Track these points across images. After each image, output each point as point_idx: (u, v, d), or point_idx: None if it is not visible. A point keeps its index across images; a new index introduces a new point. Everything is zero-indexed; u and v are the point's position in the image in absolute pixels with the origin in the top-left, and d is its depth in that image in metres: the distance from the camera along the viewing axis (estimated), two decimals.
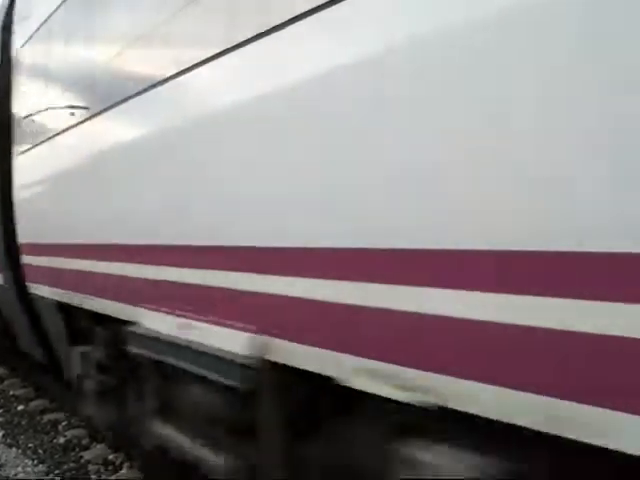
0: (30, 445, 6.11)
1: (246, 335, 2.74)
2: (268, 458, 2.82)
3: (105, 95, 4.23)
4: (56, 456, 5.82)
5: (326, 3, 2.31)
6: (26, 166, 6.14)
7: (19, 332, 7.02)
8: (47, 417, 6.85)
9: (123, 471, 5.36)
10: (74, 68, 4.98)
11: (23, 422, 6.88)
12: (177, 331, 3.27)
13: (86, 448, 5.95)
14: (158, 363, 3.50)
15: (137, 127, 3.95)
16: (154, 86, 3.58)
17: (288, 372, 2.54)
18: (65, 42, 5.16)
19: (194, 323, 3.16)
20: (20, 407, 7.34)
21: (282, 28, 2.57)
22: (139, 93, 3.72)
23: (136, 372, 3.95)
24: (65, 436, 6.26)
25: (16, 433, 6.49)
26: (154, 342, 3.46)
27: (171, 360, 3.32)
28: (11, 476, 5.35)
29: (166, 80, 3.47)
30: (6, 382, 8.46)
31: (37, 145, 5.75)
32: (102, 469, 5.46)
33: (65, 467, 5.54)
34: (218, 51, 2.99)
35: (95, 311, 4.45)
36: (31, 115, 5.92)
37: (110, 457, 5.61)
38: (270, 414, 2.76)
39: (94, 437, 6.15)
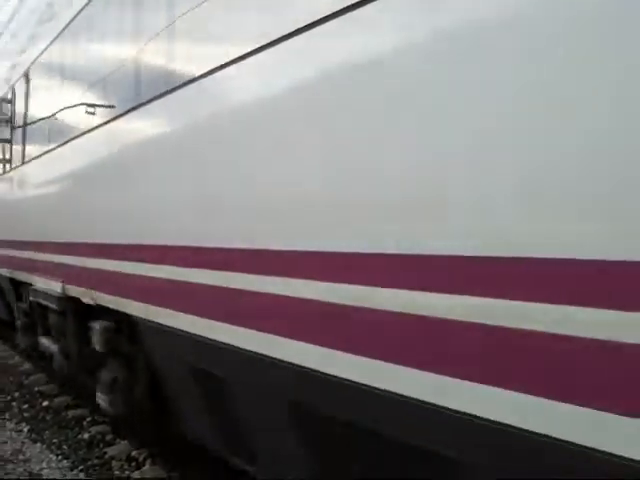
0: (55, 440, 6.15)
1: (60, 284, 6.04)
2: (69, 344, 6.05)
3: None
4: (80, 452, 5.85)
5: None
6: None
7: None
8: (71, 413, 6.90)
9: (146, 467, 5.37)
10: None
11: (48, 417, 6.93)
12: (44, 287, 6.64)
13: (110, 444, 5.98)
14: (39, 304, 6.90)
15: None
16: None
17: (75, 300, 5.74)
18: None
19: (49, 281, 6.47)
20: (45, 403, 7.40)
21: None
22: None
23: (34, 312, 7.33)
24: (89, 432, 6.30)
25: (41, 428, 6.54)
26: (37, 293, 6.91)
27: (42, 301, 6.66)
28: (36, 471, 5.37)
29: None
30: (31, 378, 8.54)
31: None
32: (125, 465, 5.47)
33: (89, 463, 5.57)
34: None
35: (21, 280, 7.96)
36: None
37: (133, 453, 5.63)
38: (69, 321, 5.97)
39: (118, 433, 6.17)
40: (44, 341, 6.82)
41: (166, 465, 5.30)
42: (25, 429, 6.52)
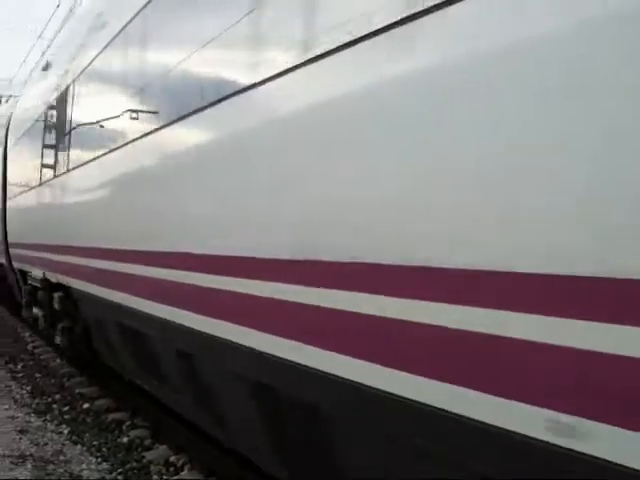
0: (95, 443, 6.20)
1: (42, 272, 9.07)
2: (45, 309, 9.12)
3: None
4: (119, 455, 5.88)
5: None
6: None
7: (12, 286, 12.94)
8: (111, 416, 6.95)
9: (184, 472, 5.38)
10: None
11: (88, 420, 7.00)
12: (35, 274, 9.69)
13: (148, 449, 6.00)
14: (33, 285, 10.00)
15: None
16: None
17: (48, 280, 8.80)
18: None
19: (37, 270, 9.51)
20: (85, 405, 7.47)
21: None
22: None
23: (34, 292, 10.00)
24: (128, 436, 6.34)
25: (81, 431, 6.60)
26: (32, 279, 9.98)
27: (34, 283, 9.85)
28: (76, 472, 5.42)
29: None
30: (72, 380, 8.65)
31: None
32: (163, 470, 5.49)
33: (128, 466, 5.59)
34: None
35: (25, 270, 10.81)
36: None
37: (172, 459, 5.64)
38: (46, 294, 8.94)
39: (157, 438, 6.20)
40: (35, 310, 10.10)
41: (204, 471, 5.31)
42: (65, 431, 6.59)
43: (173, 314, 4.40)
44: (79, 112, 7.50)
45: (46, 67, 10.86)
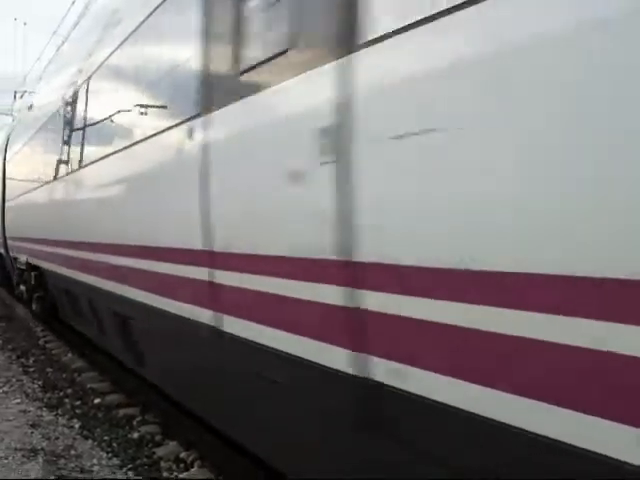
0: (105, 438, 6.22)
1: (25, 257, 12.60)
2: (27, 285, 12.81)
3: None
4: (130, 450, 5.90)
5: None
6: None
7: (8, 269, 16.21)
8: (122, 412, 6.97)
9: (194, 469, 5.39)
10: None
11: (99, 415, 7.02)
12: (22, 259, 13.07)
13: (159, 444, 6.01)
14: (20, 268, 13.54)
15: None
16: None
17: (30, 263, 12.22)
18: None
19: (23, 256, 12.93)
20: (97, 400, 7.50)
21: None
22: None
23: (21, 274, 13.54)
24: (139, 431, 6.35)
25: (92, 426, 6.62)
26: (20, 263, 13.39)
27: (20, 266, 13.45)
28: (87, 467, 5.45)
29: None
30: (84, 375, 8.69)
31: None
32: (174, 466, 5.50)
33: (138, 462, 5.61)
34: None
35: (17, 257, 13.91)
36: None
37: (182, 455, 5.65)
38: (28, 274, 12.38)
39: (167, 434, 6.22)
40: (21, 287, 13.52)
41: (214, 468, 5.32)
42: (77, 425, 6.62)
43: (89, 280, 7.44)
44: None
45: (30, 107, 15.29)
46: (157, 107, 5.37)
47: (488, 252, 2.09)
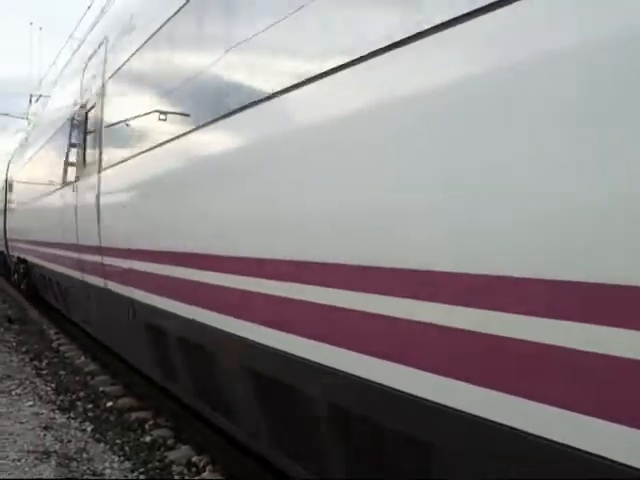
0: (117, 441, 6.23)
1: (17, 254, 17.38)
2: (19, 273, 17.26)
3: None
4: (141, 454, 5.90)
5: None
6: None
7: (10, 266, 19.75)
8: (134, 415, 6.99)
9: (205, 474, 5.39)
10: None
11: (111, 418, 7.04)
12: (22, 255, 16.41)
13: (171, 448, 6.02)
14: (19, 260, 17.16)
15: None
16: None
17: (21, 258, 16.70)
18: None
19: (17, 253, 17.62)
20: (109, 404, 7.52)
21: None
22: None
23: (18, 265, 17.32)
24: (151, 435, 6.37)
25: (104, 429, 6.64)
26: (19, 260, 17.06)
27: (15, 260, 17.91)
28: (99, 470, 5.46)
29: None
30: (96, 378, 8.73)
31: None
32: (185, 470, 5.50)
33: (150, 466, 5.62)
34: None
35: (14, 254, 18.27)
36: None
37: (194, 459, 5.65)
38: (20, 265, 16.93)
39: (179, 438, 6.23)
40: (16, 275, 17.21)
41: (225, 473, 5.32)
42: (89, 428, 6.64)
43: (59, 268, 10.54)
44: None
45: (25, 141, 18.68)
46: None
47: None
